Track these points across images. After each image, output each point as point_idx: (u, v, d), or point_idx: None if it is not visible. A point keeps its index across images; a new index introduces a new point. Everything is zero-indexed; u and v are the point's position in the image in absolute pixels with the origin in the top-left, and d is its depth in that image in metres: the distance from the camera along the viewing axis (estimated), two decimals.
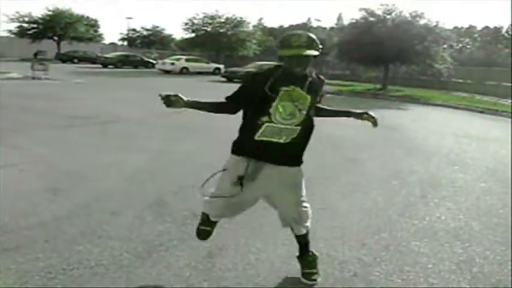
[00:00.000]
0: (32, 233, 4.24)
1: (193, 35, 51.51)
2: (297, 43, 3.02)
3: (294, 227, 3.55)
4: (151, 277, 3.57)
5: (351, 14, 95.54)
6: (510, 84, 29.07)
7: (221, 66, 41.09)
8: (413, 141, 10.86)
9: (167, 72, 37.89)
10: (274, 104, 3.08)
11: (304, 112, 3.18)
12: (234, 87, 3.38)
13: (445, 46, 28.36)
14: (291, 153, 3.32)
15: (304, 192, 3.48)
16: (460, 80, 34.26)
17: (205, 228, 3.83)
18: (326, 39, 53.41)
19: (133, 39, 66.35)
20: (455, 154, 9.49)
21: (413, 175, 7.46)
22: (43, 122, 10.37)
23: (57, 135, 9.05)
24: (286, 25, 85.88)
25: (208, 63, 41.86)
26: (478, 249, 4.56)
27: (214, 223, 3.81)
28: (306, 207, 3.50)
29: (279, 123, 3.13)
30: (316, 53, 3.05)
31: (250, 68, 34.23)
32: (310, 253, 3.67)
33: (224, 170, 3.39)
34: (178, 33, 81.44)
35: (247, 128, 3.25)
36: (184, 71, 38.19)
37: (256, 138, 3.18)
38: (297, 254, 3.69)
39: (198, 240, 4.07)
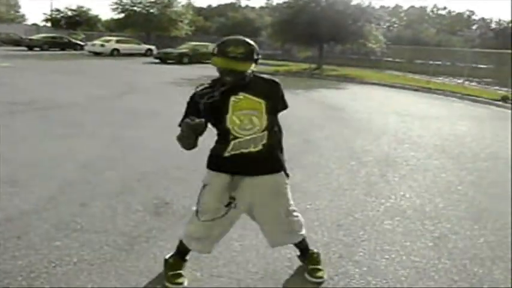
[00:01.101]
0: (0, 230, 4.02)
1: (122, 15, 50.12)
2: (233, 54, 2.79)
3: (286, 240, 3.34)
4: (140, 270, 3.45)
5: None
6: (439, 62, 30.11)
7: (153, 47, 40.14)
8: (360, 121, 11.05)
9: (97, 54, 36.72)
10: (227, 116, 2.88)
11: (265, 116, 2.92)
12: (168, 68, 3.28)
13: (377, 25, 28.89)
14: (266, 160, 3.04)
15: (291, 200, 3.24)
16: (390, 59, 35.05)
17: (176, 272, 3.31)
18: (256, 18, 53.77)
19: (57, 20, 63.60)
20: (402, 133, 9.72)
21: (368, 155, 7.59)
22: None
23: (0, 123, 8.56)
24: (214, 4, 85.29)
25: (139, 44, 40.78)
26: (447, 225, 4.71)
27: (184, 262, 3.37)
28: (296, 216, 3.27)
29: (242, 136, 2.91)
30: (252, 66, 2.86)
31: (184, 48, 33.82)
32: (312, 251, 3.54)
33: (204, 185, 3.14)
34: (105, 13, 78.71)
35: (217, 144, 3.06)
36: (115, 53, 37.04)
37: (226, 155, 2.97)
38: (298, 253, 3.57)
39: (176, 229, 4.00)
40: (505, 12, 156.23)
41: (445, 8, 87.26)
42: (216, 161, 3.08)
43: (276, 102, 3.01)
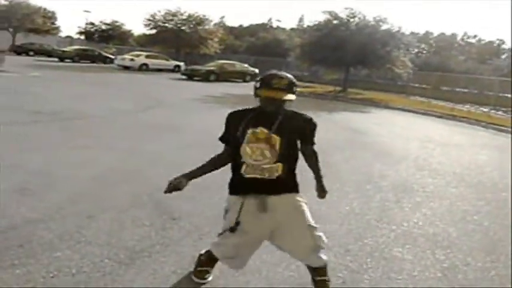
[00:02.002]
0: (3, 237, 4.03)
1: (154, 31, 50.77)
2: (277, 85, 3.00)
3: (311, 257, 3.26)
4: (138, 285, 3.44)
5: (312, 16, 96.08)
6: (465, 90, 29.85)
7: (181, 63, 40.55)
8: (381, 145, 10.95)
9: (126, 68, 37.10)
10: (243, 146, 3.08)
11: (277, 152, 3.07)
12: (194, 85, 3.29)
13: (406, 51, 28.80)
14: (282, 184, 3.17)
15: (311, 219, 3.24)
16: (416, 85, 34.85)
17: (205, 268, 3.57)
18: (286, 40, 54.01)
19: (91, 33, 64.72)
20: (422, 159, 9.61)
21: (385, 179, 7.51)
22: (4, 117, 9.97)
23: (22, 132, 8.70)
24: (246, 24, 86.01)
25: (168, 60, 41.14)
26: (459, 255, 4.61)
27: (215, 263, 3.53)
28: (319, 234, 3.24)
29: (254, 163, 3.09)
30: (293, 97, 3.05)
31: (212, 66, 34.07)
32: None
33: (226, 211, 3.29)
34: (137, 28, 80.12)
35: (235, 166, 3.22)
36: (143, 68, 37.40)
37: (242, 175, 3.14)
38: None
39: (180, 245, 4.01)
40: None
41: (475, 36, 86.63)
42: (235, 184, 3.24)
43: (302, 137, 3.27)
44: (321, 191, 3.55)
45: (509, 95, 26.01)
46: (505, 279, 4.15)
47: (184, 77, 32.65)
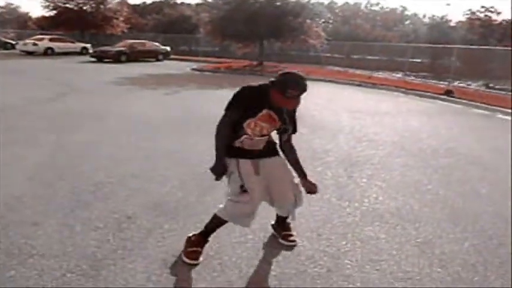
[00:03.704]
0: None
1: (54, 12, 48.15)
2: (289, 95, 3.35)
3: (290, 212, 3.82)
4: None
5: None
6: (374, 57, 30.52)
7: (88, 45, 38.84)
8: (313, 118, 10.77)
9: (30, 53, 35.11)
10: (251, 120, 3.42)
11: (273, 130, 3.62)
12: (105, 67, 2.91)
13: (317, 22, 28.89)
14: (269, 149, 3.70)
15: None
16: (328, 55, 35.27)
17: (196, 249, 3.63)
18: (193, 15, 52.95)
19: None
20: (357, 130, 9.59)
21: (329, 154, 7.37)
22: None
23: None
24: (149, 1, 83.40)
25: (74, 42, 39.22)
26: (428, 229, 4.51)
27: (205, 243, 3.68)
28: (300, 190, 3.77)
29: (253, 136, 3.49)
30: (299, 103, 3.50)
31: (121, 46, 32.81)
32: (287, 221, 4.05)
33: (230, 174, 3.51)
34: (36, 11, 75.91)
35: (233, 134, 3.48)
36: (49, 52, 35.47)
37: (237, 145, 3.50)
38: (272, 223, 4.13)
39: (144, 248, 3.65)
40: (437, 9, 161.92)
41: (378, 4, 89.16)
42: (232, 151, 3.51)
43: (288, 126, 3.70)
44: (303, 178, 3.85)
45: (419, 60, 27.12)
46: (479, 250, 4.07)
47: (93, 59, 31.14)
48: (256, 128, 3.45)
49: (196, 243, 3.62)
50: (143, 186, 5.32)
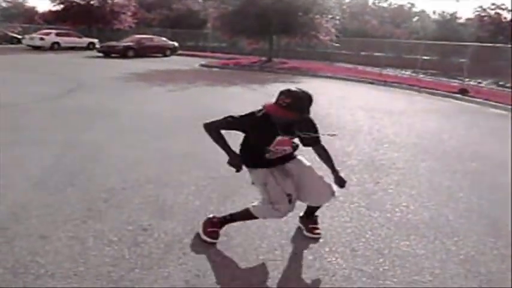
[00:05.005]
0: None
1: (61, 6, 47.77)
2: (281, 102, 3.48)
3: (324, 200, 3.99)
4: None
5: None
6: (383, 54, 30.09)
7: (95, 40, 38.51)
8: (328, 118, 10.40)
9: (37, 48, 34.78)
10: (270, 146, 3.65)
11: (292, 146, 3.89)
12: (113, 62, 2.56)
13: (328, 18, 28.43)
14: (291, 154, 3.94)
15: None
16: (337, 51, 34.85)
17: (216, 229, 3.89)
18: (201, 10, 52.47)
19: None
20: (376, 130, 9.23)
21: (351, 157, 7.02)
22: None
23: None
24: None
25: (81, 37, 38.97)
26: (468, 243, 4.17)
27: (224, 225, 3.93)
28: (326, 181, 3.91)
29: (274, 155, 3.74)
30: (297, 115, 3.58)
31: (128, 41, 32.48)
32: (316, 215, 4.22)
33: (265, 184, 3.65)
34: (43, 5, 75.58)
35: (254, 150, 3.71)
36: (55, 47, 35.20)
37: (268, 157, 3.73)
38: (301, 214, 4.22)
39: (165, 266, 3.35)
40: (445, 6, 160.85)
41: (386, 0, 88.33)
42: (260, 163, 3.74)
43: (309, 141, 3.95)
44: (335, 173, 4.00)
45: (428, 57, 26.69)
46: None
47: (100, 54, 30.88)
48: (278, 149, 3.70)
49: (217, 225, 3.89)
50: (158, 193, 4.97)
